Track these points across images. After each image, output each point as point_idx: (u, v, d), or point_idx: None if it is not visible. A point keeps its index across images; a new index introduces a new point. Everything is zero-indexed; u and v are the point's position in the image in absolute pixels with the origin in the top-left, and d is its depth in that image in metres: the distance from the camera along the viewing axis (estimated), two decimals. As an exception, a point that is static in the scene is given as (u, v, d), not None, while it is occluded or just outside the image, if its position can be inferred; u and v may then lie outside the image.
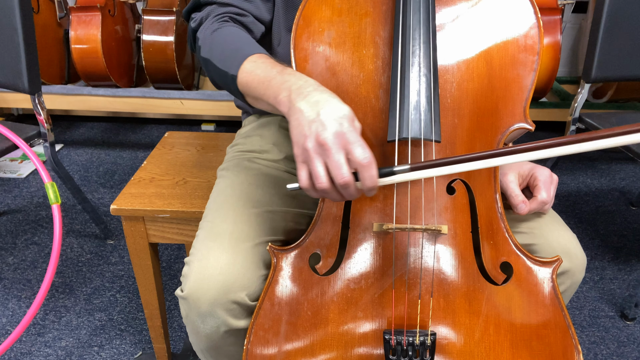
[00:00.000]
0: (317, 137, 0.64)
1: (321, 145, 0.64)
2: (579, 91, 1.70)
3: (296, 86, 0.69)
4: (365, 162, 0.64)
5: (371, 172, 0.65)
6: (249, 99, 0.80)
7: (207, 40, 0.87)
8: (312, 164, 0.65)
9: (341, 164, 0.64)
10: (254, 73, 0.77)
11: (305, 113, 0.66)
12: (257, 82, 0.76)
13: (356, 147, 0.64)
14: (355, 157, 0.64)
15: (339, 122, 0.65)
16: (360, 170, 0.65)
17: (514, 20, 0.78)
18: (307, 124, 0.66)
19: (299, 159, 0.67)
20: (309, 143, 0.65)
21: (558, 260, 0.78)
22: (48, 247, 1.87)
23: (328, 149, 0.64)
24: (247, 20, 0.92)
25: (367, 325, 0.75)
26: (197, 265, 0.80)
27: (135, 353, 1.46)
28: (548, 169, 0.86)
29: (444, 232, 0.74)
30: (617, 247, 1.94)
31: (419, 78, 0.73)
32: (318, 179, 0.65)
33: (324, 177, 0.65)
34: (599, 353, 1.49)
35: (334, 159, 0.64)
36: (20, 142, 1.43)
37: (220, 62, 0.83)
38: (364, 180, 0.65)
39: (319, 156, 0.65)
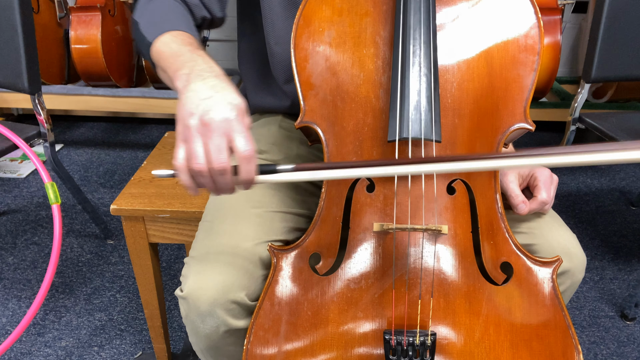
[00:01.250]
0: (202, 116, 0.62)
1: (205, 125, 0.62)
2: (579, 91, 1.70)
3: (199, 67, 0.68)
4: (246, 154, 0.62)
5: (250, 166, 0.63)
6: (159, 71, 0.79)
7: (142, 5, 0.86)
8: (191, 142, 0.63)
9: (222, 148, 0.62)
10: (168, 45, 0.76)
11: (199, 92, 0.65)
12: (168, 54, 0.75)
13: (240, 136, 0.62)
14: (236, 147, 0.62)
15: (229, 108, 0.63)
16: (240, 161, 0.63)
17: (515, 20, 0.78)
18: (197, 102, 0.64)
19: (180, 136, 0.64)
20: (192, 120, 0.62)
21: (558, 260, 0.78)
22: (48, 247, 1.87)
23: (211, 130, 0.62)
24: (192, 2, 0.89)
25: (367, 325, 0.75)
26: (197, 266, 0.80)
27: (135, 353, 1.46)
28: (548, 170, 0.86)
29: (444, 232, 0.74)
30: (617, 247, 1.94)
31: (419, 78, 0.73)
32: (195, 158, 0.62)
33: (201, 158, 0.62)
34: (599, 353, 1.49)
35: (215, 141, 0.62)
36: (20, 142, 1.43)
37: (144, 27, 0.82)
38: (241, 173, 0.64)
39: (200, 136, 0.62)
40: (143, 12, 0.85)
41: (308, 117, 0.78)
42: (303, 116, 0.78)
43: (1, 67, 1.54)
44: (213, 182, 0.65)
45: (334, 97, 0.77)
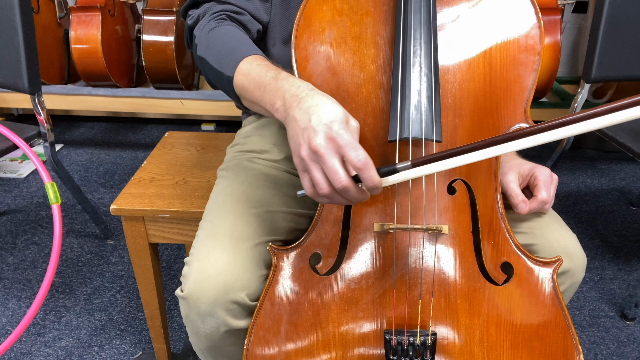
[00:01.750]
0: (309, 145, 0.64)
1: (315, 152, 0.64)
2: (579, 91, 1.71)
3: (290, 94, 0.69)
4: (360, 164, 0.63)
5: (369, 172, 0.64)
6: (245, 102, 0.80)
7: (203, 38, 0.86)
8: (310, 171, 0.66)
9: (336, 169, 0.64)
10: (250, 76, 0.76)
11: (299, 121, 0.66)
12: (253, 86, 0.75)
13: (349, 149, 0.63)
14: (350, 160, 0.64)
15: (328, 126, 0.64)
16: (358, 172, 0.64)
17: (515, 20, 0.78)
18: (301, 132, 0.65)
19: (299, 167, 0.67)
20: (303, 151, 0.65)
21: (558, 260, 0.78)
22: (48, 247, 1.87)
23: (321, 155, 0.64)
24: (244, 18, 0.91)
25: (367, 325, 0.75)
26: (197, 266, 0.80)
27: (135, 353, 1.46)
28: (548, 169, 0.86)
29: (445, 232, 0.74)
30: (617, 247, 1.94)
31: (419, 78, 0.73)
32: (318, 186, 0.65)
33: (324, 184, 0.65)
34: (599, 353, 1.49)
35: (329, 164, 0.64)
36: (20, 142, 1.43)
37: (216, 63, 0.82)
38: (365, 181, 0.65)
39: (315, 163, 0.65)
40: (207, 46, 0.85)
41: (308, 117, 0.78)
42: (303, 116, 0.78)
43: (1, 67, 1.54)
44: (344, 198, 0.67)
45: (334, 97, 0.77)
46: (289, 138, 0.68)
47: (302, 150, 0.65)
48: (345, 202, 0.68)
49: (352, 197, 0.66)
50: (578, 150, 2.64)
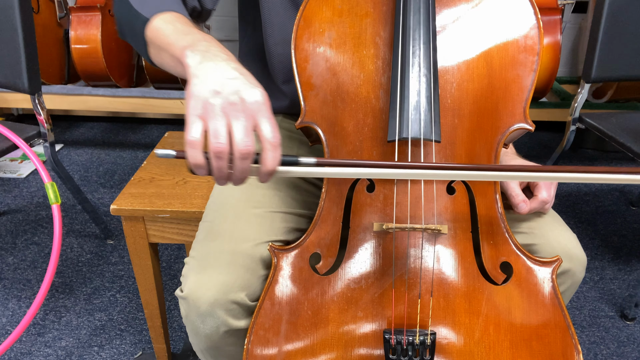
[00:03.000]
0: (230, 95, 0.59)
1: (233, 105, 0.58)
2: (579, 91, 1.71)
3: (215, 49, 0.65)
4: (275, 141, 0.59)
5: (276, 153, 0.60)
6: (152, 48, 0.75)
7: None
8: (214, 119, 0.58)
9: (249, 131, 0.58)
10: (172, 24, 0.71)
11: (224, 71, 0.61)
12: (172, 31, 0.70)
13: (269, 123, 0.59)
14: (264, 132, 0.59)
15: (259, 92, 0.60)
16: (266, 148, 0.59)
17: (514, 21, 0.78)
18: (223, 81, 0.60)
19: (195, 111, 0.59)
20: (217, 98, 0.59)
21: (558, 260, 0.78)
22: (48, 247, 1.87)
23: (239, 111, 0.58)
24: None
25: (367, 324, 0.75)
26: (197, 266, 0.80)
27: (135, 353, 1.46)
28: None
29: (444, 232, 0.75)
30: (617, 247, 1.94)
31: (419, 78, 0.73)
32: (217, 137, 0.58)
33: (224, 138, 0.58)
34: (599, 353, 1.50)
35: (242, 122, 0.58)
36: (20, 142, 1.43)
37: (136, 4, 0.77)
38: (267, 160, 0.60)
39: (224, 115, 0.58)
40: None
41: (308, 118, 0.78)
42: (303, 116, 0.78)
43: (1, 67, 1.54)
44: (228, 167, 0.61)
45: (334, 97, 0.77)
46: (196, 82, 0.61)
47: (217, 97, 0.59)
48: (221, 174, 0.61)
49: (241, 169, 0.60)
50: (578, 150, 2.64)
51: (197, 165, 0.60)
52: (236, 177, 0.62)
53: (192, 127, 0.59)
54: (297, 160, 0.64)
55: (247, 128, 0.59)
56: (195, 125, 0.59)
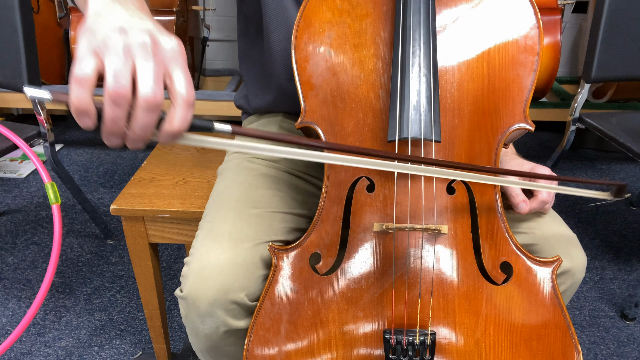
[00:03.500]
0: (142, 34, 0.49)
1: (143, 46, 0.49)
2: (579, 91, 1.71)
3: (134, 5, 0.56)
4: (188, 97, 0.51)
5: (188, 113, 0.51)
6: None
7: None
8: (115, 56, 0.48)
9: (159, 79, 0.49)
10: None
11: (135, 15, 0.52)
12: None
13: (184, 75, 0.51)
14: (177, 85, 0.51)
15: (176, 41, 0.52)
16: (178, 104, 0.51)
17: (514, 21, 0.78)
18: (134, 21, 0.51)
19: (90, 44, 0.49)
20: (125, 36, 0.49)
21: (558, 260, 0.78)
22: (48, 247, 1.87)
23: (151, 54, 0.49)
24: None
25: (367, 324, 0.75)
26: (197, 266, 0.80)
27: (135, 353, 1.46)
28: (548, 169, 0.86)
29: (444, 232, 0.75)
30: (617, 247, 1.94)
31: (419, 78, 0.73)
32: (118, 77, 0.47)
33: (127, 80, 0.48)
34: (599, 353, 1.50)
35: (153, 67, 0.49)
36: (20, 142, 1.43)
37: None
38: (174, 119, 0.51)
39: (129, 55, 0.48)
40: None
41: (308, 118, 0.78)
42: (303, 116, 0.78)
43: (1, 67, 1.54)
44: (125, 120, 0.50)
45: (334, 97, 0.77)
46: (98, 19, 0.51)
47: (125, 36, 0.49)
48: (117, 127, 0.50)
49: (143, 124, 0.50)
50: (578, 150, 2.64)
51: (82, 110, 0.48)
52: (134, 134, 0.51)
53: (83, 61, 0.47)
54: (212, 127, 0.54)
55: (157, 74, 0.49)
56: (87, 60, 0.48)
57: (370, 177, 0.77)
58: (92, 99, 0.48)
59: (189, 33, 2.49)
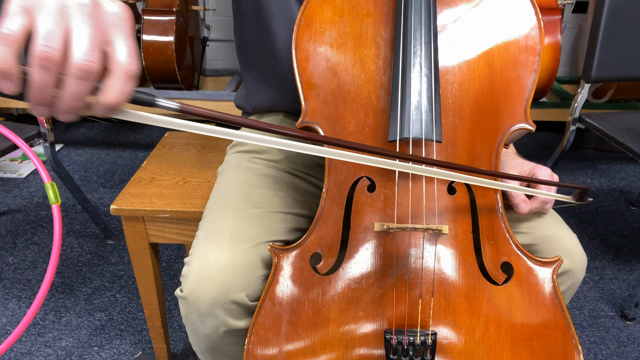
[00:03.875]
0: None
1: (81, 7, 0.44)
2: (579, 91, 1.71)
3: None
4: (129, 67, 0.45)
5: (127, 84, 0.46)
6: None
7: None
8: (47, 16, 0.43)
9: (95, 43, 0.44)
10: None
11: None
12: None
13: (126, 43, 0.46)
14: (118, 53, 0.45)
15: (122, 7, 0.47)
16: (117, 73, 0.45)
17: (515, 21, 0.78)
18: None
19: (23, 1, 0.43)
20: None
21: (559, 260, 0.78)
22: (48, 247, 1.87)
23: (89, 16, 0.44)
24: None
25: (367, 325, 0.75)
26: (197, 266, 0.80)
27: (135, 353, 1.46)
28: (549, 169, 0.86)
29: (445, 232, 0.74)
30: (617, 247, 1.94)
31: (420, 78, 0.73)
32: (47, 38, 0.42)
33: (57, 42, 0.43)
34: (599, 353, 1.50)
35: (90, 31, 0.44)
36: (20, 142, 1.43)
37: None
38: (110, 89, 0.45)
39: (63, 16, 0.43)
40: None
41: (309, 118, 0.78)
42: (304, 116, 0.78)
43: (1, 67, 1.54)
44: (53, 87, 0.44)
45: (335, 97, 0.77)
46: None
47: None
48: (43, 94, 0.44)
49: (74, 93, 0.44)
50: (578, 150, 2.64)
51: (4, 71, 0.43)
52: (64, 104, 0.45)
53: (11, 19, 0.42)
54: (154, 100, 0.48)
55: (94, 38, 0.44)
56: (15, 18, 0.42)
57: (371, 177, 0.77)
58: (17, 60, 0.43)
59: (189, 33, 2.49)
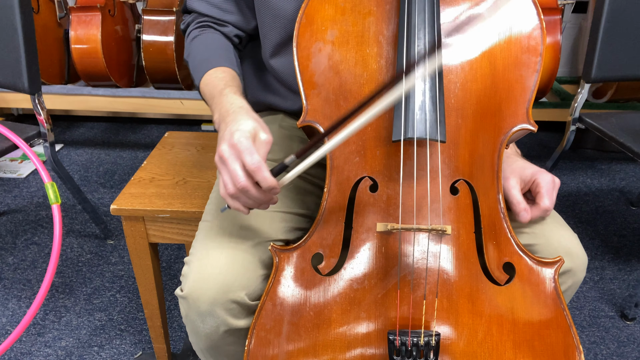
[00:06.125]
0: (219, 151, 0.72)
1: (221, 157, 0.72)
2: (579, 91, 1.70)
3: (224, 109, 0.78)
4: (254, 167, 0.69)
5: (261, 174, 0.70)
6: None
7: (188, 45, 0.98)
8: (220, 174, 0.73)
9: (237, 172, 0.70)
10: (208, 87, 0.87)
11: (220, 131, 0.76)
12: (208, 96, 0.87)
13: (245, 155, 0.70)
14: (245, 164, 0.70)
15: (235, 136, 0.71)
16: (252, 174, 0.70)
17: (518, 21, 0.78)
18: (218, 141, 0.74)
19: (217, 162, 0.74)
20: (216, 157, 0.73)
21: (560, 260, 0.78)
22: (48, 247, 1.87)
23: (225, 160, 0.71)
24: (226, 30, 0.97)
25: (370, 325, 0.75)
26: (197, 265, 0.80)
27: (135, 353, 1.45)
28: (550, 174, 0.86)
29: (448, 232, 0.74)
30: (617, 247, 1.94)
31: (424, 78, 0.73)
32: (225, 186, 0.72)
33: (229, 184, 0.72)
34: (599, 353, 1.49)
35: (230, 167, 0.71)
36: (20, 142, 1.43)
37: (192, 69, 0.93)
38: (260, 183, 0.70)
39: (223, 166, 0.72)
40: (190, 52, 0.96)
41: (310, 117, 0.78)
42: (305, 115, 0.78)
43: (1, 67, 1.54)
44: (249, 199, 0.73)
45: (336, 96, 0.77)
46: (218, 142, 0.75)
47: (216, 156, 0.73)
48: (252, 204, 0.74)
49: (253, 197, 0.72)
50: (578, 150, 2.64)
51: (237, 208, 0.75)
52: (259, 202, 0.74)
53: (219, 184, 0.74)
54: (284, 164, 0.74)
55: (235, 170, 0.70)
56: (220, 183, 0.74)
57: (373, 176, 0.77)
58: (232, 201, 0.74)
59: (189, 33, 2.48)
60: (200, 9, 0.97)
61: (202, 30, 0.97)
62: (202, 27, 0.98)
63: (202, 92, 0.90)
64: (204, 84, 0.89)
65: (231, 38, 0.98)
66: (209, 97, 0.86)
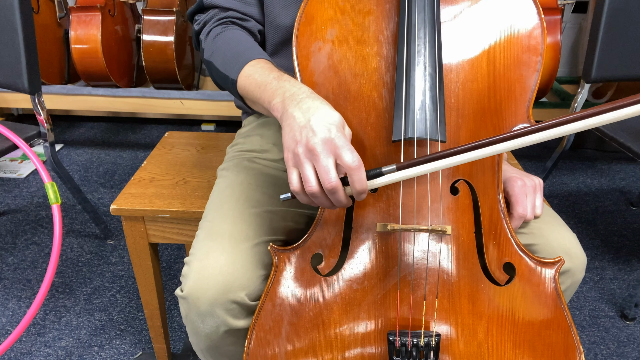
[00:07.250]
0: (307, 143, 0.66)
1: (310, 151, 0.66)
2: (579, 91, 1.70)
3: (290, 92, 0.72)
4: (354, 165, 0.65)
5: (360, 175, 0.66)
6: (248, 102, 0.83)
7: (210, 44, 0.90)
8: (302, 168, 0.67)
9: (329, 169, 0.65)
10: (252, 77, 0.79)
11: (297, 119, 0.68)
12: (255, 86, 0.78)
13: (345, 151, 0.65)
14: (344, 161, 0.65)
15: (327, 129, 0.66)
16: (350, 173, 0.66)
17: (518, 20, 0.77)
18: (298, 130, 0.67)
19: (290, 162, 0.69)
20: (299, 148, 0.67)
21: (560, 261, 0.78)
22: (48, 247, 1.87)
23: (317, 154, 0.66)
24: (249, 24, 0.94)
25: (370, 326, 0.75)
26: (197, 265, 0.80)
27: (135, 353, 1.45)
28: (521, 179, 0.85)
29: (448, 232, 0.74)
30: (617, 247, 1.94)
31: (424, 77, 0.73)
32: (307, 182, 0.67)
33: (313, 181, 0.67)
34: (599, 353, 1.49)
35: (322, 163, 0.65)
36: (20, 142, 1.43)
37: (222, 66, 0.85)
38: (353, 183, 0.67)
39: (308, 161, 0.67)
40: (213, 51, 0.89)
41: (310, 117, 0.78)
42: (305, 115, 0.78)
43: (1, 67, 1.54)
44: (328, 200, 0.69)
45: (336, 96, 0.77)
46: (284, 134, 0.70)
47: (299, 147, 0.67)
48: (327, 205, 0.70)
49: (337, 199, 0.68)
50: (578, 150, 2.64)
51: (306, 203, 0.71)
52: (338, 204, 0.70)
53: (292, 177, 0.69)
54: (381, 172, 0.69)
55: (327, 167, 0.65)
56: (292, 175, 0.69)
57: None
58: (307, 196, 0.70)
59: (189, 33, 2.49)
60: (221, 3, 0.93)
61: (225, 27, 0.92)
62: (224, 24, 0.92)
63: (243, 86, 0.81)
64: (244, 76, 0.81)
65: (255, 34, 0.95)
66: (258, 86, 0.77)
